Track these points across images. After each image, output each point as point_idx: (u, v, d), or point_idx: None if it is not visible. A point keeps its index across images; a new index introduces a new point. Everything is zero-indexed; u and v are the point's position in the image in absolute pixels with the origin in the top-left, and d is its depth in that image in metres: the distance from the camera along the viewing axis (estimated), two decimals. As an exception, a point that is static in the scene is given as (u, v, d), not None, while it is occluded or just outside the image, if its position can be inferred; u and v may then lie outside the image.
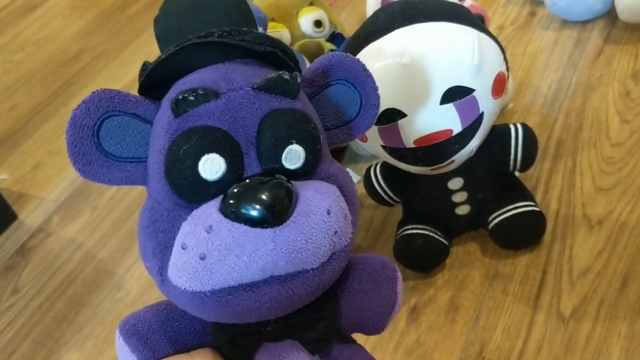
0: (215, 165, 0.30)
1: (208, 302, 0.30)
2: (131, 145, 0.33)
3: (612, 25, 0.84)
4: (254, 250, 0.28)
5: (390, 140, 0.55)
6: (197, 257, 0.29)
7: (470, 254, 0.64)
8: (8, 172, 0.96)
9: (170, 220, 0.31)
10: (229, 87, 0.32)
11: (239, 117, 0.31)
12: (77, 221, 0.85)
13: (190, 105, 0.31)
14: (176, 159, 0.31)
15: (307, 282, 0.30)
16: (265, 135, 0.31)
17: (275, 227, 0.29)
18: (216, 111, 0.31)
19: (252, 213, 0.29)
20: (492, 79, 0.53)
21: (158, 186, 0.32)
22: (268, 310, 0.30)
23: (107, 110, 0.32)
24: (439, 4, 0.55)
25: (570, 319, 0.56)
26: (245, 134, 0.31)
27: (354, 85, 0.37)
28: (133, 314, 0.35)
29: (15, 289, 0.78)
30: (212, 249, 0.29)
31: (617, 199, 0.64)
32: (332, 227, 0.30)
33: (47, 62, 1.18)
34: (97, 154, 0.32)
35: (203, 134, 0.30)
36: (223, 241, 0.28)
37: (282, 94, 0.32)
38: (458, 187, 0.61)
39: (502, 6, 0.94)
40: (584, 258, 0.61)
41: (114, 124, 0.32)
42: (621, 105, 0.74)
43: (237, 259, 0.28)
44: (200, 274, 0.29)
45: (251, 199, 0.29)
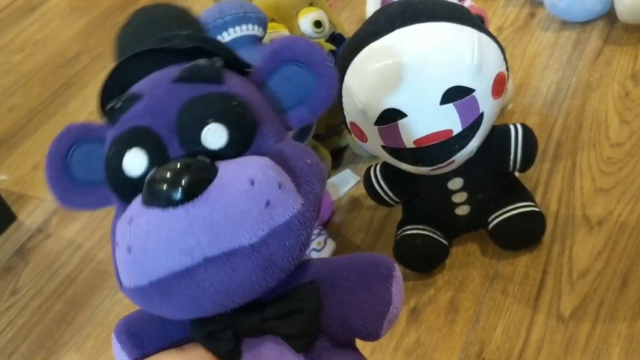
0: (137, 160, 0.31)
1: (152, 296, 0.30)
2: (99, 169, 0.34)
3: (612, 26, 0.85)
4: (170, 231, 0.28)
5: (390, 141, 0.55)
6: (125, 251, 0.29)
7: (470, 255, 0.64)
8: (7, 173, 0.96)
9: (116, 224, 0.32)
10: (151, 87, 0.33)
11: (158, 111, 0.32)
12: (77, 222, 0.85)
13: (119, 112, 0.32)
14: (108, 164, 0.32)
15: (247, 260, 0.29)
16: (183, 120, 0.31)
17: (189, 204, 0.28)
18: (139, 111, 0.32)
19: (162, 195, 0.28)
20: (492, 79, 0.53)
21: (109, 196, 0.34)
22: (217, 295, 0.29)
23: (74, 140, 0.35)
24: (439, 4, 0.55)
25: (570, 320, 0.56)
26: (165, 125, 0.31)
27: (302, 62, 0.37)
28: (128, 315, 0.36)
29: (14, 289, 0.78)
30: (134, 239, 0.29)
31: (617, 200, 0.64)
32: (261, 197, 0.29)
33: (47, 63, 1.18)
34: (71, 182, 0.35)
35: (126, 134, 0.32)
36: (141, 229, 0.29)
37: (204, 80, 0.32)
38: (458, 188, 0.61)
39: (501, 7, 0.94)
40: (583, 259, 0.61)
41: (82, 153, 0.35)
42: (621, 106, 0.74)
43: (157, 244, 0.28)
44: (132, 267, 0.29)
45: (160, 181, 0.29)
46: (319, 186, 0.33)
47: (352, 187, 0.76)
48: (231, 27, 0.62)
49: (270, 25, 0.70)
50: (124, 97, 0.33)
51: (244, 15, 0.62)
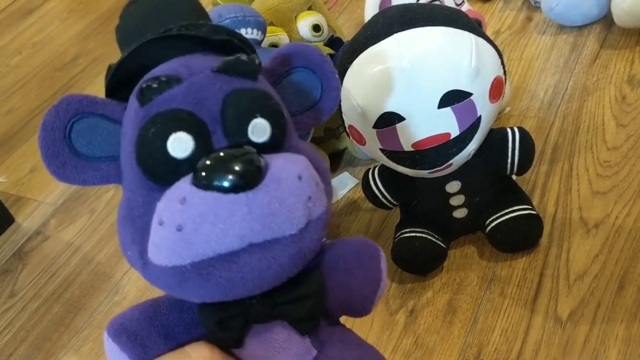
0: (183, 143, 0.31)
1: (190, 277, 0.30)
2: (102, 145, 0.34)
3: (608, 30, 0.85)
4: (228, 215, 0.29)
5: (388, 144, 0.56)
6: (173, 230, 0.29)
7: (467, 257, 0.65)
8: (5, 175, 0.96)
9: (145, 205, 0.31)
10: (189, 73, 0.33)
11: (201, 97, 0.32)
12: (75, 224, 0.85)
13: (154, 92, 0.32)
14: (145, 142, 0.31)
15: (286, 249, 0.31)
16: (228, 111, 0.32)
17: (248, 191, 0.29)
18: (179, 95, 0.32)
19: (223, 180, 0.29)
20: (490, 82, 0.54)
21: (131, 176, 0.33)
22: (252, 281, 0.30)
23: (76, 112, 0.33)
24: (437, 8, 0.55)
25: (568, 322, 0.57)
26: (209, 113, 0.32)
27: (313, 71, 0.38)
28: (120, 314, 0.35)
29: (12, 292, 0.78)
30: (187, 219, 0.29)
31: (614, 203, 0.65)
32: (305, 192, 0.31)
33: (44, 66, 1.19)
34: (70, 156, 0.33)
35: (169, 116, 0.31)
36: (197, 210, 0.29)
37: (242, 75, 0.33)
38: (455, 191, 0.61)
39: (498, 11, 0.94)
40: (581, 261, 0.61)
41: (83, 126, 0.33)
42: (617, 109, 0.74)
43: (212, 227, 0.29)
44: (179, 246, 0.29)
45: (221, 167, 0.30)
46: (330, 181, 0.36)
47: (350, 190, 0.76)
48: (230, 31, 0.62)
49: (269, 29, 0.70)
50: (161, 77, 0.32)
51: (243, 18, 0.62)
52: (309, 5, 0.76)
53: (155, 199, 0.31)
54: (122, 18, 0.38)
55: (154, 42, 0.34)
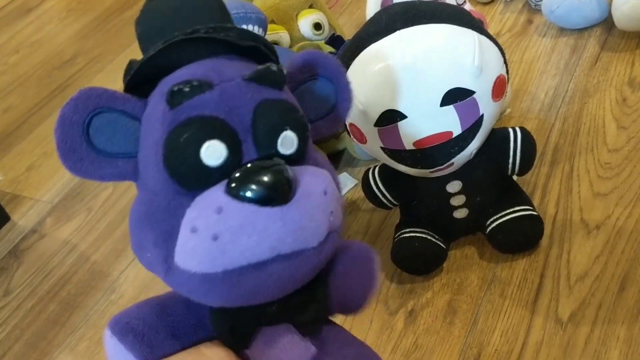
0: (216, 152, 0.31)
1: (219, 284, 0.30)
2: (121, 141, 0.33)
3: (609, 32, 0.85)
4: (264, 228, 0.30)
5: (390, 142, 0.55)
6: (209, 239, 0.29)
7: (468, 258, 0.64)
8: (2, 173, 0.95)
9: (171, 209, 0.31)
10: (220, 79, 0.32)
11: (233, 106, 0.32)
12: (71, 223, 0.84)
13: (185, 96, 0.31)
14: (177, 147, 0.31)
15: (308, 261, 0.32)
16: (260, 122, 0.32)
17: (282, 206, 0.30)
18: (211, 101, 0.32)
19: (260, 193, 0.30)
20: (493, 81, 0.54)
21: (155, 177, 0.32)
22: (273, 289, 0.31)
23: (95, 107, 0.32)
24: (440, 6, 0.55)
25: (569, 323, 0.56)
26: (241, 122, 0.32)
27: (330, 81, 0.39)
28: (123, 312, 0.34)
29: (7, 290, 0.77)
30: (224, 230, 0.29)
31: (615, 204, 0.64)
32: (329, 207, 0.32)
33: (42, 64, 1.18)
34: (88, 151, 0.33)
35: (203, 122, 0.31)
36: (235, 221, 0.29)
37: (270, 84, 0.33)
38: (456, 190, 0.60)
39: (499, 13, 0.94)
40: (581, 262, 0.61)
41: (103, 121, 0.33)
42: (618, 111, 0.74)
43: (248, 238, 0.29)
44: (213, 254, 0.29)
45: (258, 180, 0.30)
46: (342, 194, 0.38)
47: (349, 190, 0.76)
48: (231, 27, 0.62)
49: (270, 26, 0.70)
50: (193, 82, 0.32)
51: (245, 15, 0.62)
52: (310, 4, 0.76)
53: (182, 203, 0.31)
54: (143, 13, 0.37)
55: (181, 42, 0.34)
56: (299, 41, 0.74)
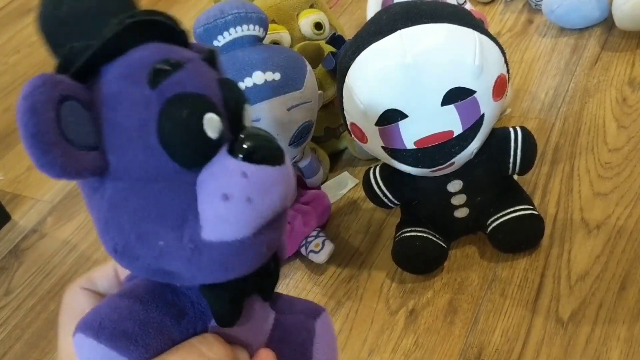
0: (215, 123, 0.32)
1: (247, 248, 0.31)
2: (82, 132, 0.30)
3: (609, 32, 0.85)
4: (279, 186, 0.31)
5: (390, 141, 0.55)
6: (244, 202, 0.30)
7: (468, 257, 0.64)
8: (2, 173, 0.95)
9: (175, 189, 0.30)
10: (183, 58, 0.32)
11: (206, 83, 0.33)
12: (72, 222, 0.84)
13: (167, 75, 0.31)
14: (179, 123, 0.31)
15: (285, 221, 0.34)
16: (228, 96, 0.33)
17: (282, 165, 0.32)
18: (188, 79, 0.32)
19: (269, 154, 0.31)
20: (494, 80, 0.54)
21: (145, 162, 0.30)
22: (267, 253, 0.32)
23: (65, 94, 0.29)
24: (441, 5, 0.55)
25: (569, 323, 0.56)
26: (215, 98, 0.33)
27: None
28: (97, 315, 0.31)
29: (8, 290, 0.77)
30: (254, 191, 0.30)
31: (615, 204, 0.64)
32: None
33: (42, 64, 1.18)
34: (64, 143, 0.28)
35: (194, 98, 0.32)
36: (261, 181, 0.31)
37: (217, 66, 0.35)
38: (457, 190, 0.60)
39: (499, 13, 0.94)
40: (582, 262, 0.61)
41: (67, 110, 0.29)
42: (618, 111, 0.74)
43: (272, 197, 0.31)
44: (250, 217, 0.31)
45: (264, 144, 0.32)
46: None
47: (350, 190, 0.76)
48: (232, 27, 0.62)
49: (270, 26, 0.70)
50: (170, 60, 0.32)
51: (246, 15, 0.62)
52: (310, 3, 0.76)
53: (187, 181, 0.30)
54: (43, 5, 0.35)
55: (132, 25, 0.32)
56: (299, 41, 0.74)
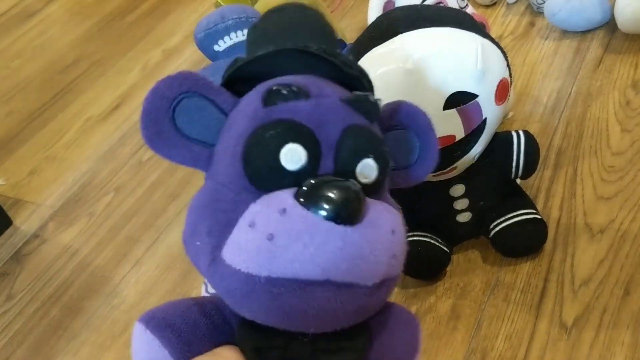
0: (296, 155, 0.30)
1: (259, 290, 0.29)
2: (202, 129, 0.34)
3: (612, 35, 0.85)
4: (322, 243, 0.28)
5: (392, 146, 0.55)
6: (264, 237, 0.28)
7: (471, 262, 0.64)
8: (4, 177, 0.95)
9: (234, 202, 0.31)
10: (319, 93, 0.33)
11: (325, 120, 0.32)
12: (73, 228, 0.84)
13: (281, 98, 0.32)
14: (259, 143, 0.31)
15: (357, 299, 0.30)
16: (346, 142, 0.32)
17: (347, 226, 0.28)
18: (304, 110, 0.32)
19: (328, 205, 0.29)
20: (496, 84, 0.53)
21: (227, 170, 0.32)
22: (312, 317, 0.29)
23: (189, 88, 0.33)
24: (442, 10, 0.55)
25: (573, 328, 0.56)
26: (327, 138, 0.32)
27: (417, 135, 0.39)
28: (157, 308, 0.33)
29: (9, 295, 0.77)
30: (282, 231, 0.28)
31: (619, 208, 0.64)
32: (393, 248, 0.30)
33: (45, 69, 1.18)
34: (168, 127, 0.33)
35: (290, 125, 0.31)
36: (294, 225, 0.28)
37: (365, 113, 0.33)
38: (460, 194, 0.60)
39: (501, 16, 0.94)
40: (585, 266, 0.60)
41: (191, 104, 0.33)
42: (621, 114, 0.74)
43: (303, 248, 0.28)
44: (263, 254, 0.28)
45: (329, 192, 0.29)
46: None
47: (352, 194, 0.76)
48: (233, 32, 0.62)
49: (271, 30, 0.69)
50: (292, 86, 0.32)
51: (246, 20, 0.62)
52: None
53: (248, 199, 0.30)
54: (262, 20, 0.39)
55: (292, 51, 0.34)
56: (300, 45, 0.74)
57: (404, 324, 0.36)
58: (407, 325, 0.36)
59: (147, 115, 0.33)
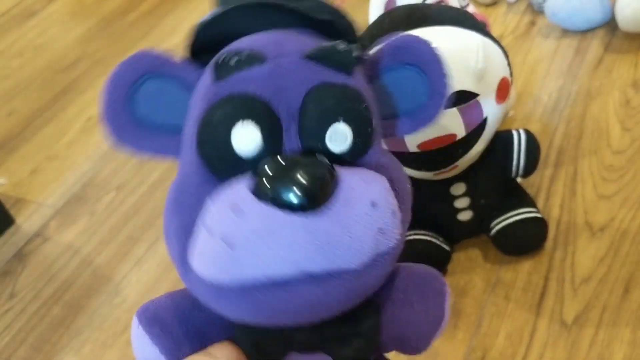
0: (249, 137, 0.27)
1: (233, 298, 0.26)
2: (167, 113, 0.30)
3: (612, 34, 0.85)
4: (287, 238, 0.25)
5: (394, 145, 0.55)
6: (222, 243, 0.25)
7: (471, 260, 0.64)
8: (5, 177, 0.96)
9: (196, 197, 0.27)
10: (276, 53, 0.28)
11: (283, 86, 0.27)
12: (75, 226, 0.84)
13: (233, 69, 0.28)
14: (209, 125, 0.27)
15: (346, 285, 0.26)
16: (309, 108, 0.27)
17: (312, 213, 0.25)
18: (259, 78, 0.27)
19: (287, 195, 0.25)
20: (496, 83, 0.54)
21: (189, 158, 0.29)
22: (301, 313, 0.27)
23: (146, 71, 0.29)
24: (443, 9, 0.55)
25: (573, 326, 0.56)
26: (287, 107, 0.27)
27: (421, 71, 0.33)
28: (154, 300, 0.31)
29: (12, 293, 0.77)
30: (240, 235, 0.25)
31: (619, 206, 0.64)
32: (377, 222, 0.27)
33: (46, 68, 1.18)
34: (130, 117, 0.29)
35: (240, 101, 0.27)
36: (253, 226, 0.25)
37: (335, 66, 0.28)
38: (461, 193, 0.60)
39: (502, 15, 0.94)
40: (586, 265, 0.60)
41: (152, 88, 0.30)
42: (622, 113, 0.74)
43: (268, 249, 0.25)
44: (227, 263, 0.25)
45: (286, 178, 0.25)
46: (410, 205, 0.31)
47: (353, 193, 0.76)
48: (234, 31, 0.62)
49: (272, 29, 0.70)
50: (243, 52, 0.28)
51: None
52: (313, 7, 0.76)
53: (208, 192, 0.27)
54: None
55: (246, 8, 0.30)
56: (302, 44, 0.74)
57: (424, 291, 0.32)
58: (429, 293, 0.33)
59: (106, 108, 0.29)
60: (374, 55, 0.33)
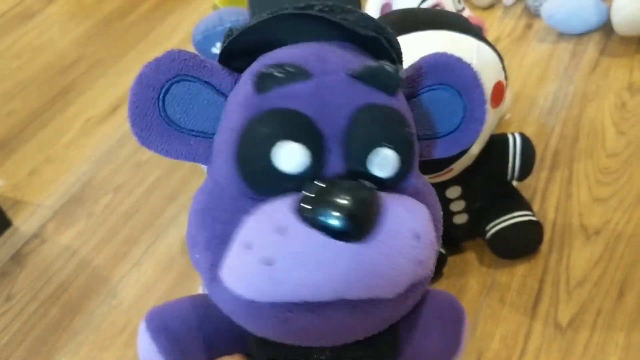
0: (293, 156, 0.26)
1: (264, 316, 0.25)
2: (198, 117, 0.29)
3: (608, 38, 0.85)
4: (331, 265, 0.24)
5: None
6: (262, 262, 0.24)
7: (467, 263, 0.64)
8: (4, 178, 0.96)
9: (232, 211, 0.26)
10: (321, 69, 0.27)
11: (328, 105, 0.27)
12: (73, 228, 0.84)
13: (276, 82, 0.27)
14: (250, 141, 0.26)
15: (377, 314, 0.26)
16: (355, 130, 0.27)
17: (358, 242, 0.24)
18: (304, 94, 0.27)
19: (334, 222, 0.24)
20: (491, 87, 0.54)
21: (224, 169, 0.28)
22: (328, 336, 0.26)
23: (178, 72, 0.28)
24: (438, 13, 0.55)
25: (568, 328, 0.56)
26: (332, 126, 0.26)
27: (460, 94, 0.32)
28: (164, 306, 0.31)
29: (9, 295, 0.77)
30: (283, 255, 0.24)
31: (614, 209, 0.65)
32: (418, 254, 0.26)
33: (45, 69, 1.18)
34: (159, 120, 0.28)
35: (285, 118, 0.26)
36: (297, 249, 0.24)
37: (381, 87, 0.28)
38: (456, 196, 0.61)
39: (498, 18, 0.95)
40: (581, 267, 0.61)
41: (183, 90, 0.29)
42: (617, 116, 0.74)
43: (309, 272, 0.24)
44: (264, 282, 0.25)
45: (334, 205, 0.24)
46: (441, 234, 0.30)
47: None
48: (231, 34, 0.62)
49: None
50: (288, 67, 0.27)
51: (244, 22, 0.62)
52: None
53: (246, 207, 0.26)
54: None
55: (289, 16, 0.29)
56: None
57: (443, 317, 0.32)
58: (447, 319, 0.32)
59: (134, 108, 0.28)
60: (412, 73, 0.32)
